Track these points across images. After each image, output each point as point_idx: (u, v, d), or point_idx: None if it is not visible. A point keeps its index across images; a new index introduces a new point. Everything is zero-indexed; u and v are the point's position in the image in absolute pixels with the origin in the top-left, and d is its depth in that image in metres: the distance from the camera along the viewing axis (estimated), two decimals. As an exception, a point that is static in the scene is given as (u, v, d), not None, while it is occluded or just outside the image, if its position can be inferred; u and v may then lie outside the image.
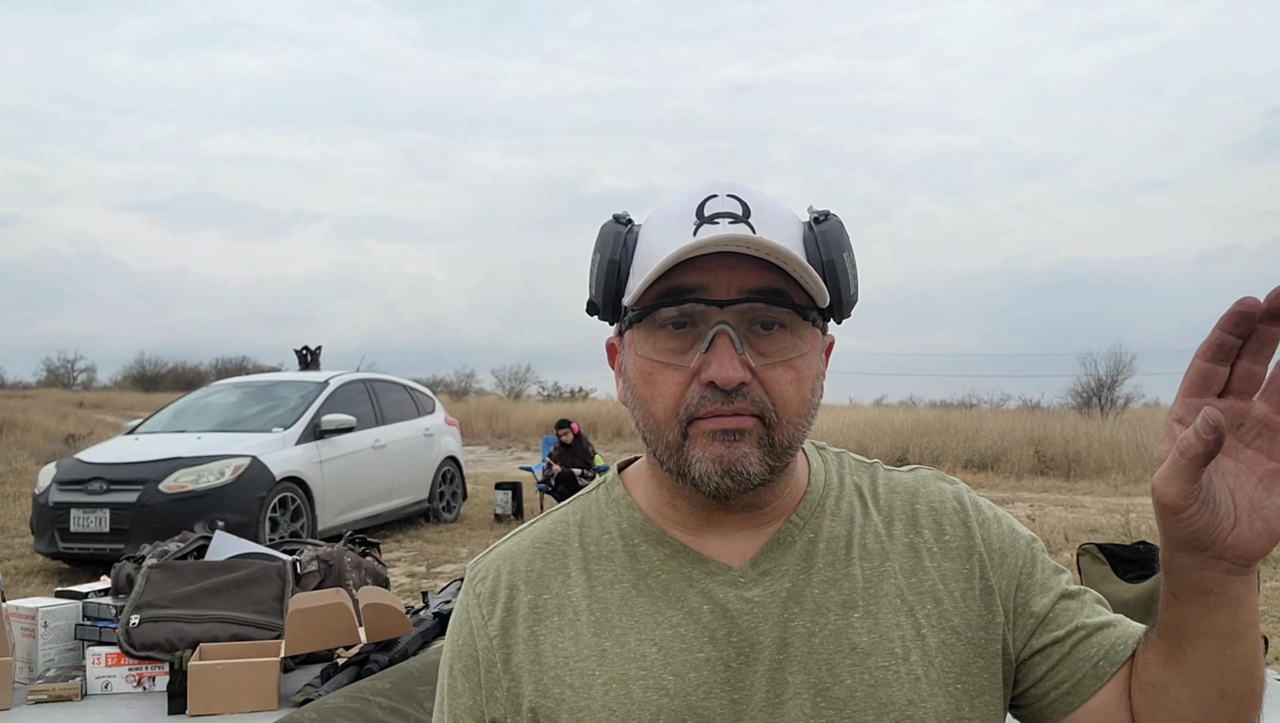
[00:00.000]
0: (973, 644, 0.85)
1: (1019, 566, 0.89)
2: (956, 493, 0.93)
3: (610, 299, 0.87)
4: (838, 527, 0.89)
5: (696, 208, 0.83)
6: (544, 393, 34.32)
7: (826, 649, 0.82)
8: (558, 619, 0.87)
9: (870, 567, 0.87)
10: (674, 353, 0.82)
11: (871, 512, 0.91)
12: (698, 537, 0.88)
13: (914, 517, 0.91)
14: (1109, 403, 23.07)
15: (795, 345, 0.82)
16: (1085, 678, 0.85)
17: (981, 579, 0.87)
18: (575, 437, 10.53)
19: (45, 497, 7.53)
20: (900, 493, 0.93)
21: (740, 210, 0.82)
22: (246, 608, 2.37)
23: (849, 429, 17.29)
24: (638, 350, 0.84)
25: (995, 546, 0.89)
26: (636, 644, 0.84)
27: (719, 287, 0.80)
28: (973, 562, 0.88)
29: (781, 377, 0.81)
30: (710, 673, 0.82)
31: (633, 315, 0.84)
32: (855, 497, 0.92)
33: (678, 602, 0.85)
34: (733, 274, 0.80)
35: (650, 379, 0.83)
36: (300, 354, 11.04)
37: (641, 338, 0.84)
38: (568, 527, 0.93)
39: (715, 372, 0.79)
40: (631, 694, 0.82)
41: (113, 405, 33.31)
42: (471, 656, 0.89)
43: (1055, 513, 10.17)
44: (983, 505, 0.93)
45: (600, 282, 0.86)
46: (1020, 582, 0.88)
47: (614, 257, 0.86)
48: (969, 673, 0.85)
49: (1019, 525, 0.93)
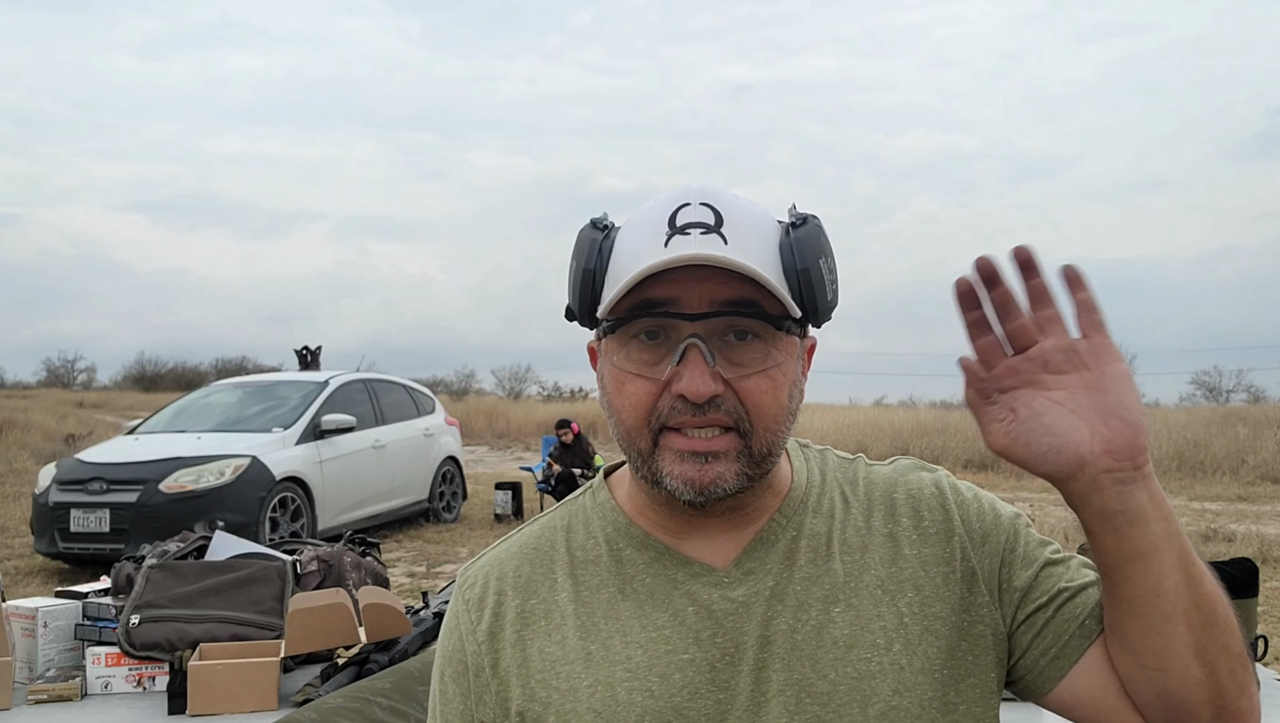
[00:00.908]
0: (957, 628, 0.85)
1: (1001, 542, 0.88)
2: (935, 480, 0.93)
3: (586, 307, 0.86)
4: (819, 524, 0.89)
5: (669, 217, 0.82)
6: (544, 393, 34.36)
7: (809, 645, 0.83)
8: (544, 624, 0.88)
9: (850, 560, 0.87)
10: (646, 365, 0.82)
11: (852, 506, 0.91)
12: (681, 539, 0.88)
13: (892, 506, 0.91)
14: (1109, 403, 23.03)
15: (770, 355, 0.82)
16: (1072, 639, 0.85)
17: (963, 562, 0.87)
18: (575, 437, 10.54)
19: (45, 497, 7.53)
20: (879, 485, 0.93)
21: (713, 220, 0.81)
22: (246, 608, 2.37)
23: (849, 429, 17.28)
24: (611, 359, 0.84)
25: (975, 527, 0.89)
26: (622, 647, 0.84)
27: (690, 299, 0.80)
28: (952, 545, 0.88)
29: (757, 385, 0.81)
30: (695, 674, 0.82)
31: (606, 325, 0.84)
32: (837, 493, 0.92)
33: (663, 604, 0.85)
34: (704, 286, 0.80)
35: (622, 388, 0.83)
36: (300, 354, 11.04)
37: (615, 347, 0.84)
38: (554, 532, 0.93)
39: (686, 385, 0.79)
40: (617, 697, 0.82)
41: (113, 405, 33.30)
42: (461, 661, 0.90)
43: (1055, 513, 10.17)
44: (961, 488, 0.92)
45: (576, 290, 0.86)
46: (1004, 558, 0.88)
47: (589, 265, 0.85)
48: (954, 658, 0.85)
49: (1001, 504, 0.93)
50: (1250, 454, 13.55)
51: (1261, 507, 10.84)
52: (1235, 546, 7.96)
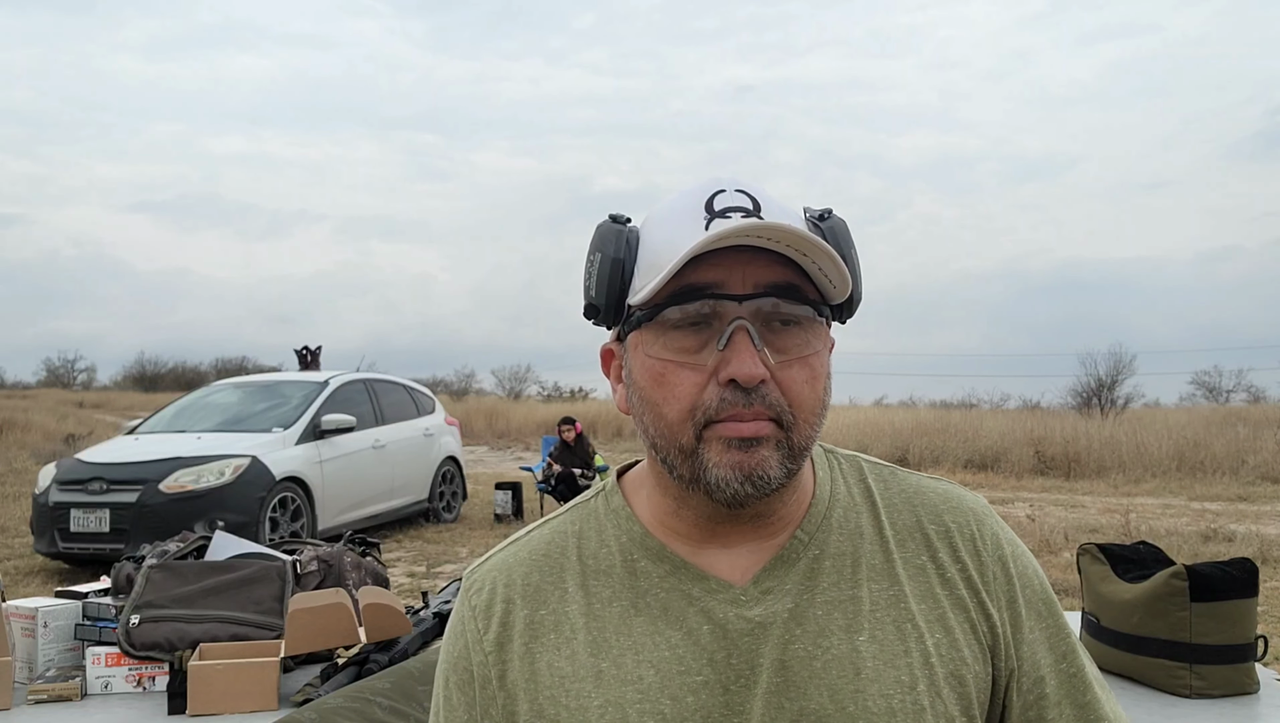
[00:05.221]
0: (979, 679, 0.83)
1: (1030, 628, 0.86)
2: (979, 518, 0.89)
3: (614, 300, 0.82)
4: (845, 543, 0.85)
5: (705, 203, 0.80)
6: (544, 393, 34.35)
7: (829, 674, 0.79)
8: (554, 637, 0.84)
9: (879, 588, 0.83)
10: (688, 352, 0.78)
11: (885, 526, 0.87)
12: (700, 549, 0.85)
13: (932, 536, 0.87)
14: (1109, 403, 23.08)
15: (810, 342, 0.79)
16: None
17: (986, 621, 0.85)
18: (577, 437, 10.53)
19: (45, 497, 7.52)
20: (921, 507, 0.88)
21: (750, 205, 0.79)
22: (246, 608, 2.37)
23: (849, 429, 17.27)
24: (647, 351, 0.80)
25: (1015, 608, 0.86)
26: (634, 666, 0.81)
27: (734, 282, 0.77)
28: (986, 599, 0.85)
29: (798, 375, 0.78)
30: (709, 697, 0.80)
31: (641, 315, 0.80)
32: (866, 509, 0.88)
33: (677, 622, 0.82)
34: (748, 269, 0.77)
35: (662, 380, 0.79)
36: (300, 354, 11.03)
37: (650, 338, 0.80)
38: (565, 538, 0.89)
39: (736, 368, 0.76)
40: (628, 718, 0.80)
41: (113, 405, 33.30)
42: (466, 669, 0.87)
43: (1055, 513, 10.16)
44: (1020, 551, 0.90)
45: (603, 282, 0.82)
46: (1027, 653, 0.86)
47: (618, 255, 0.82)
48: (971, 711, 0.82)
49: (1049, 589, 0.90)
50: (1250, 454, 13.54)
51: (1261, 507, 10.83)
52: (1235, 546, 7.95)
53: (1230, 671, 1.82)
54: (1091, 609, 2.02)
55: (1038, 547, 7.96)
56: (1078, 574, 2.09)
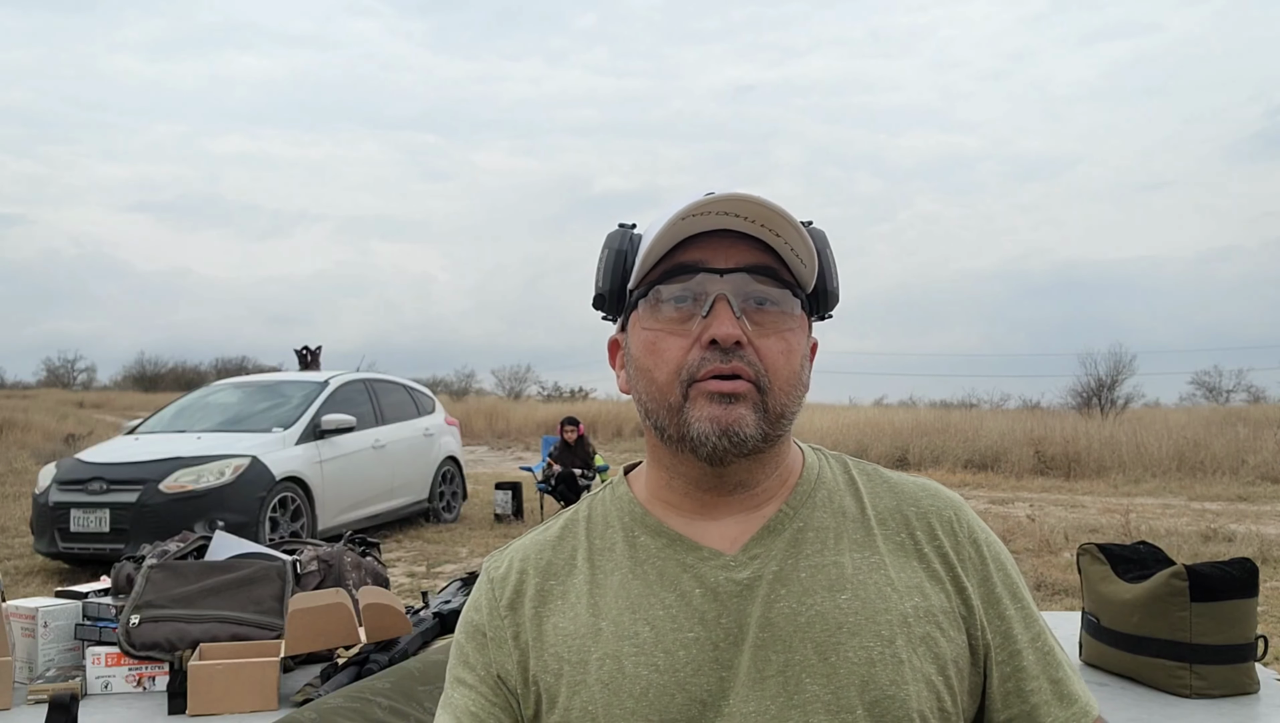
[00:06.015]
0: (955, 645, 0.89)
1: (1001, 615, 0.92)
2: (956, 507, 0.97)
3: (617, 287, 0.95)
4: (828, 519, 0.93)
5: (697, 200, 0.88)
6: (544, 393, 34.36)
7: (812, 629, 0.86)
8: (561, 603, 0.93)
9: (860, 557, 0.91)
10: (677, 322, 0.90)
11: (867, 507, 0.95)
12: (693, 521, 0.93)
13: (910, 519, 0.95)
14: (1109, 403, 23.07)
15: (786, 320, 0.90)
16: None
17: (960, 593, 0.91)
18: (578, 437, 10.52)
19: (45, 497, 7.52)
20: (903, 496, 0.97)
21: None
22: (246, 608, 2.37)
23: (849, 429, 17.27)
24: (643, 325, 0.92)
25: (989, 586, 0.93)
26: (630, 624, 0.89)
27: (718, 260, 0.89)
28: (961, 574, 0.92)
29: (774, 346, 0.89)
30: (699, 652, 0.87)
31: (638, 293, 0.92)
32: (850, 493, 0.96)
33: (671, 585, 0.90)
34: (730, 251, 0.89)
35: (654, 348, 0.90)
36: (300, 354, 11.04)
37: (646, 314, 0.91)
38: (576, 524, 0.99)
39: (716, 329, 0.86)
40: (624, 670, 0.87)
41: (113, 405, 33.30)
42: (481, 632, 0.95)
43: (1055, 513, 10.16)
44: (994, 539, 0.97)
45: (608, 271, 0.95)
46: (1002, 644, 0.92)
47: (621, 248, 0.95)
48: (946, 672, 0.88)
49: (1019, 578, 0.96)
50: (1250, 454, 13.53)
51: (1261, 507, 10.83)
52: (1235, 546, 7.95)
53: (1230, 671, 1.82)
54: (1091, 609, 2.02)
55: (1038, 547, 7.96)
56: (1078, 574, 2.09)
